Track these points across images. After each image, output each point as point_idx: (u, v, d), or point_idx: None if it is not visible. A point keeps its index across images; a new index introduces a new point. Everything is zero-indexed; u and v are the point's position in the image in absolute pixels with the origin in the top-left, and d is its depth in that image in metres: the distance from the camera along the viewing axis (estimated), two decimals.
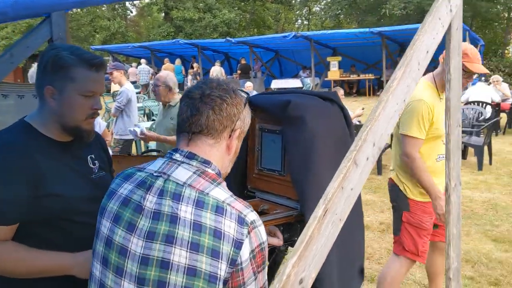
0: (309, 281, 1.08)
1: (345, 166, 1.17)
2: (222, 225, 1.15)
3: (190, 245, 1.14)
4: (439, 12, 1.48)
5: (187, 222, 1.16)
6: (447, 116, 1.65)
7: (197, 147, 1.27)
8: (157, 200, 1.21)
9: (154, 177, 1.25)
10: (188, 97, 1.30)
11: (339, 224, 1.17)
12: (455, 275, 1.72)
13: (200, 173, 1.24)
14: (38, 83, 1.55)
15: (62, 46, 1.54)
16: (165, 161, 1.28)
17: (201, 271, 1.14)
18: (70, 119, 1.56)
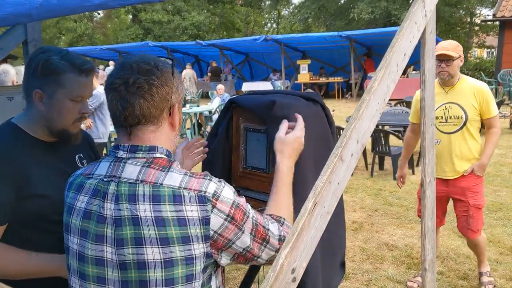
0: (300, 270, 1.14)
1: (332, 161, 1.24)
2: (183, 212, 1.16)
3: (159, 241, 1.15)
4: (415, 17, 1.57)
5: (149, 220, 1.15)
6: (422, 114, 1.74)
7: (139, 138, 1.24)
8: (115, 206, 1.19)
9: (106, 182, 1.22)
10: (112, 89, 1.21)
11: (327, 217, 1.23)
12: (430, 266, 1.81)
13: (149, 163, 1.22)
14: (26, 86, 1.55)
15: (52, 50, 1.54)
16: (111, 162, 1.25)
17: (177, 259, 1.16)
18: (58, 123, 1.57)
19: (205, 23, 32.62)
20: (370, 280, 3.96)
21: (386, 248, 4.62)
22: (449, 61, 3.33)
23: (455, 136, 3.44)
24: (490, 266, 4.07)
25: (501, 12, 17.51)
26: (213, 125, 1.95)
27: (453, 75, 3.39)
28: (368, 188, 6.74)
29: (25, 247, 1.52)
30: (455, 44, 3.43)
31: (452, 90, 3.44)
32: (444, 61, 3.35)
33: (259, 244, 1.25)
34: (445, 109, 3.44)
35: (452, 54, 3.33)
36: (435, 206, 1.82)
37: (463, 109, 3.38)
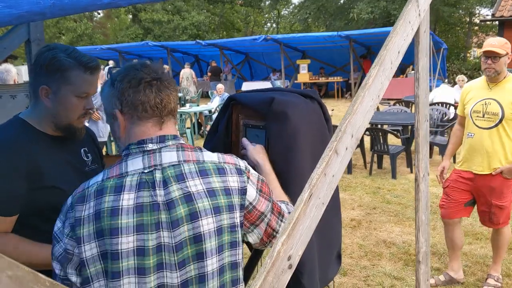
0: (296, 258, 1.19)
1: (327, 155, 1.29)
2: (228, 182, 1.30)
3: (213, 211, 1.26)
4: (409, 16, 1.63)
5: (201, 193, 1.26)
6: (416, 111, 1.80)
7: (168, 128, 1.33)
8: (165, 191, 1.24)
9: (149, 173, 1.26)
10: (146, 83, 1.29)
11: (322, 208, 1.28)
12: (424, 258, 1.86)
13: (181, 147, 1.31)
14: (33, 82, 1.61)
15: (59, 47, 1.59)
16: (143, 156, 1.28)
17: (224, 227, 1.28)
18: (64, 118, 1.63)
19: (205, 23, 32.67)
20: (368, 276, 4.02)
21: (384, 245, 4.67)
22: (496, 58, 3.39)
23: (490, 132, 3.47)
24: (488, 262, 4.12)
25: (500, 11, 17.57)
26: (213, 121, 2.01)
27: (499, 71, 3.43)
28: (367, 186, 6.79)
29: (35, 238, 1.57)
30: (503, 41, 3.47)
31: (496, 87, 3.49)
32: (490, 58, 3.41)
33: (277, 217, 1.40)
34: (484, 105, 3.50)
35: (499, 51, 3.38)
36: (429, 200, 1.88)
37: (501, 106, 3.42)
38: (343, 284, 3.89)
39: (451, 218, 3.76)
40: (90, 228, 1.22)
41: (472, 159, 3.58)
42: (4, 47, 3.24)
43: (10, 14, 0.68)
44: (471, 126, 3.58)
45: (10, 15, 0.68)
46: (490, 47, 3.41)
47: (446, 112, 8.98)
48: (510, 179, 3.50)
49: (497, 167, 3.48)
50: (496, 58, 3.39)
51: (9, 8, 0.66)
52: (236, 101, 1.89)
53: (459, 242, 3.83)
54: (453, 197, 3.72)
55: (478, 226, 4.96)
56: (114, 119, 1.32)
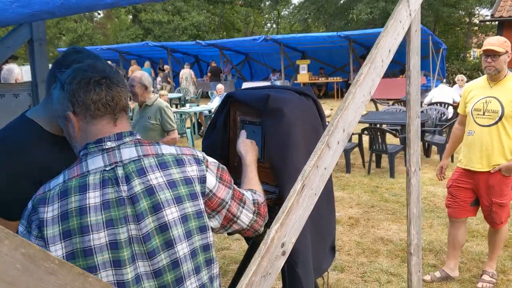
0: (289, 245, 1.26)
1: (320, 148, 1.35)
2: (187, 172, 1.37)
3: (175, 201, 1.32)
4: (399, 16, 1.69)
5: (162, 185, 1.32)
6: (407, 108, 1.86)
7: (123, 125, 1.38)
8: (128, 186, 1.29)
9: (111, 170, 1.30)
10: (94, 83, 1.32)
11: (314, 198, 1.34)
12: (416, 250, 1.92)
13: (139, 143, 1.37)
14: (49, 81, 1.64)
15: (83, 53, 1.63)
16: (103, 155, 1.33)
17: (190, 214, 1.35)
18: None
19: (205, 23, 32.74)
20: (365, 273, 4.08)
21: (381, 242, 4.73)
22: (495, 56, 3.46)
23: (489, 130, 3.54)
24: (483, 258, 4.18)
25: (499, 12, 17.63)
26: (211, 118, 2.07)
27: (500, 69, 3.50)
28: (365, 185, 6.85)
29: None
30: (502, 40, 3.54)
31: (497, 85, 3.56)
32: (490, 56, 3.48)
33: (237, 204, 1.46)
34: (485, 103, 3.57)
35: (498, 50, 3.45)
36: (420, 194, 1.94)
37: (501, 104, 3.49)
38: (341, 280, 3.95)
39: (458, 218, 3.83)
40: (55, 230, 1.24)
41: (472, 156, 3.65)
42: (8, 46, 3.31)
43: (23, 13, 0.74)
44: (471, 124, 3.65)
45: (23, 14, 0.74)
46: (490, 46, 3.48)
47: (445, 112, 9.05)
48: (509, 177, 3.57)
49: (496, 164, 3.54)
50: (496, 56, 3.46)
51: (22, 8, 0.72)
52: (234, 98, 1.95)
53: (462, 240, 3.90)
54: (458, 197, 3.79)
55: (475, 224, 5.02)
56: (68, 121, 1.37)
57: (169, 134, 4.73)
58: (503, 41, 3.53)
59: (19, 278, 0.76)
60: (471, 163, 3.66)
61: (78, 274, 0.84)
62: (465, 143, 3.74)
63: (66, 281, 0.82)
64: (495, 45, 3.48)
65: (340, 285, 3.85)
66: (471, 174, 3.68)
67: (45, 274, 0.79)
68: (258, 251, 1.16)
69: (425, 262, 4.26)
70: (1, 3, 0.69)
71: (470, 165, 3.67)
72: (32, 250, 0.78)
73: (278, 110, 1.75)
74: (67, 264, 0.82)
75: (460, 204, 3.78)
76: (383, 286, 3.84)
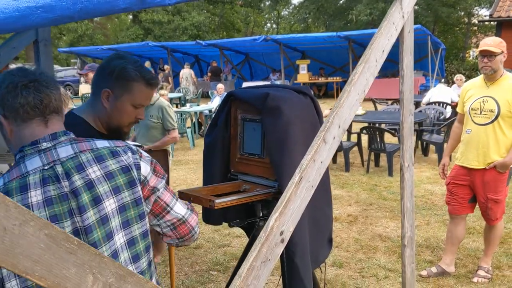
0: (288, 233, 1.34)
1: (316, 143, 1.44)
2: (123, 161, 1.44)
3: (113, 192, 1.39)
4: (393, 18, 1.77)
5: (100, 178, 1.38)
6: (401, 106, 1.94)
7: (54, 126, 1.40)
8: (69, 181, 1.35)
9: (50, 169, 1.35)
10: (22, 87, 1.34)
11: (311, 190, 1.43)
12: (409, 242, 2.00)
13: (74, 140, 1.42)
14: (97, 84, 1.79)
15: (128, 59, 1.77)
16: (40, 155, 1.36)
17: (128, 203, 1.42)
18: (116, 121, 1.80)
19: (205, 23, 32.82)
20: (363, 268, 4.16)
21: (379, 239, 4.82)
22: (492, 57, 3.56)
23: (486, 128, 3.63)
24: (479, 255, 4.27)
25: (498, 12, 17.72)
26: (213, 116, 2.15)
27: (496, 69, 3.59)
28: (364, 183, 6.93)
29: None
30: (498, 41, 3.64)
31: (493, 85, 3.66)
32: (486, 57, 3.58)
33: (171, 195, 1.54)
34: (482, 102, 3.67)
35: (494, 50, 3.55)
36: (413, 188, 2.02)
37: (497, 103, 3.58)
38: (339, 275, 4.03)
39: (458, 214, 3.92)
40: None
41: (469, 154, 3.74)
42: (13, 47, 3.39)
43: (47, 18, 0.82)
44: (469, 123, 3.74)
45: (47, 19, 0.82)
46: (486, 47, 3.58)
47: (443, 112, 9.13)
48: (503, 173, 3.66)
49: (491, 161, 3.63)
50: (492, 56, 3.56)
51: (46, 13, 0.80)
52: (235, 97, 2.03)
53: (460, 237, 4.00)
54: (456, 194, 3.88)
55: (471, 221, 5.10)
56: (1, 125, 1.41)
57: (169, 133, 4.83)
58: (499, 42, 3.62)
59: (42, 256, 0.84)
60: (468, 160, 3.75)
61: (94, 254, 0.92)
62: (463, 141, 3.83)
63: (84, 260, 0.90)
64: (491, 46, 3.57)
65: (338, 280, 3.93)
66: (467, 171, 3.77)
67: (65, 253, 0.88)
68: (258, 239, 1.25)
69: (422, 258, 4.35)
70: (28, 9, 0.78)
71: (467, 162, 3.76)
72: (55, 231, 0.86)
73: (277, 108, 1.84)
74: (85, 245, 0.91)
75: (459, 201, 3.87)
76: (380, 282, 3.92)
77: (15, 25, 0.77)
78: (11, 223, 0.80)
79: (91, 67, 6.53)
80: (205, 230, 5.18)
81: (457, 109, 4.08)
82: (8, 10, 0.73)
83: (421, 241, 4.73)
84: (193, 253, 4.59)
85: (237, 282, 1.19)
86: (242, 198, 1.84)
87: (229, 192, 1.95)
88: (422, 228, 5.07)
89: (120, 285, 0.96)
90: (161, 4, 1.00)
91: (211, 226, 5.20)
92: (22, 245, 0.82)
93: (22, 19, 0.75)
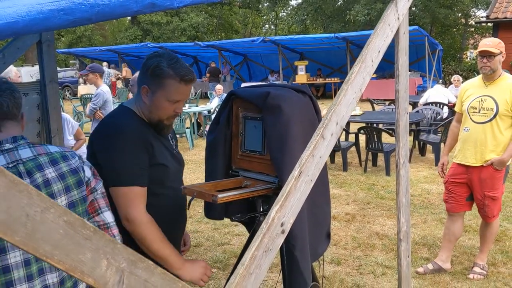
0: (288, 225, 1.40)
1: (315, 139, 1.50)
2: (72, 164, 1.62)
3: (65, 190, 1.57)
4: (388, 19, 1.84)
5: (55, 178, 1.55)
6: (396, 104, 2.01)
7: (8, 130, 1.56)
8: (31, 179, 1.50)
9: (13, 167, 1.50)
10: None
11: (310, 184, 1.49)
12: (405, 236, 2.07)
13: (32, 145, 1.58)
14: (139, 80, 1.94)
15: (165, 56, 1.88)
16: (3, 155, 1.52)
17: (77, 200, 1.61)
18: (155, 115, 1.93)
19: (204, 24, 32.89)
20: (361, 265, 4.23)
21: (377, 237, 4.89)
22: (491, 57, 3.65)
23: (484, 127, 3.72)
24: (475, 252, 4.34)
25: (495, 13, 17.82)
26: (215, 115, 2.22)
27: (495, 69, 3.68)
28: (362, 183, 7.01)
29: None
30: (497, 41, 3.73)
31: (492, 84, 3.75)
32: (486, 57, 3.67)
33: (106, 202, 1.73)
34: (481, 101, 3.75)
35: (493, 50, 3.64)
36: (408, 184, 2.09)
37: (495, 102, 3.67)
38: (337, 272, 4.10)
39: (455, 212, 4.00)
40: None
41: (466, 152, 3.82)
42: (18, 47, 3.45)
43: (67, 20, 0.88)
44: (468, 121, 3.83)
45: (67, 21, 0.88)
46: (485, 47, 3.67)
47: (440, 112, 9.21)
48: (500, 171, 3.74)
49: (489, 159, 3.70)
50: (491, 57, 3.65)
51: (67, 15, 0.87)
52: (236, 96, 2.10)
53: (457, 234, 4.08)
54: (454, 192, 3.96)
55: (467, 219, 5.17)
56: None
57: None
58: (498, 42, 3.72)
59: (61, 241, 0.91)
60: (466, 158, 3.83)
61: (109, 241, 0.98)
62: (461, 139, 3.92)
63: (99, 246, 0.97)
64: (490, 46, 3.66)
65: (336, 277, 4.00)
66: (465, 168, 3.85)
67: (82, 239, 0.94)
68: (260, 229, 1.31)
69: (418, 255, 4.42)
70: (51, 12, 0.84)
71: (464, 160, 3.84)
72: (73, 218, 0.92)
73: (277, 106, 1.91)
74: (100, 231, 0.97)
75: (457, 199, 3.95)
76: (377, 278, 3.99)
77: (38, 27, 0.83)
78: (33, 209, 0.86)
79: (92, 68, 6.60)
80: (205, 228, 5.24)
81: (455, 109, 4.17)
82: (33, 13, 0.80)
83: (418, 239, 4.80)
84: (193, 251, 4.66)
85: (240, 270, 1.25)
86: (243, 193, 1.91)
87: (231, 188, 2.02)
88: (419, 227, 5.14)
89: (131, 270, 1.03)
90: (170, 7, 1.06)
91: (211, 225, 5.27)
92: (43, 231, 0.88)
93: (45, 21, 0.81)
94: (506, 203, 5.70)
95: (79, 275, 0.94)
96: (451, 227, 4.06)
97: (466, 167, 3.84)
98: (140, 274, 1.04)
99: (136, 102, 1.97)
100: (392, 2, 1.85)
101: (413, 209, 5.68)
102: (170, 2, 1.05)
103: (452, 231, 4.05)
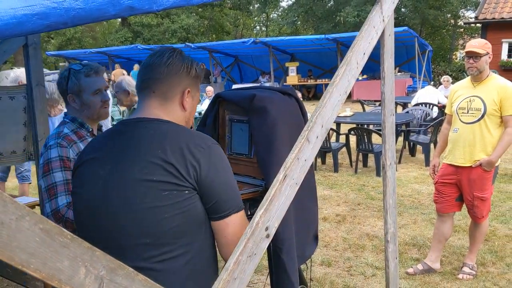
0: (273, 229, 1.39)
1: (300, 142, 1.50)
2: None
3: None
4: (373, 21, 1.84)
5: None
6: (382, 106, 2.01)
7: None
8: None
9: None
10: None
11: (295, 187, 1.48)
12: (392, 238, 2.07)
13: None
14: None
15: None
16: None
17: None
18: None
19: (194, 26, 32.84)
20: (351, 267, 4.23)
21: (367, 238, 4.89)
22: (477, 58, 3.67)
23: (472, 127, 3.74)
24: (464, 252, 4.36)
25: (483, 14, 17.98)
26: (201, 117, 2.21)
27: (481, 70, 3.71)
28: (352, 184, 7.02)
29: None
30: (483, 42, 3.76)
31: (480, 85, 3.78)
32: (472, 58, 3.70)
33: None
34: (469, 101, 3.79)
35: (480, 51, 3.66)
36: (395, 186, 2.09)
37: (483, 102, 3.70)
38: (328, 274, 4.09)
39: (445, 212, 4.01)
40: None
41: (456, 152, 3.85)
42: (4, 51, 3.42)
43: (42, 24, 0.86)
44: (457, 122, 3.86)
45: (42, 25, 0.87)
46: (471, 48, 3.70)
47: (429, 112, 9.26)
48: (489, 171, 3.76)
49: (478, 159, 3.72)
50: (478, 57, 3.68)
51: (41, 20, 0.85)
52: (222, 98, 2.09)
53: (447, 234, 4.10)
54: (444, 192, 3.98)
55: (457, 220, 5.19)
56: None
57: None
58: (484, 43, 3.74)
59: (38, 249, 0.89)
60: (455, 158, 3.85)
61: (87, 248, 0.97)
62: (450, 140, 3.95)
63: (77, 254, 0.95)
64: (476, 47, 3.68)
65: (327, 278, 4.00)
66: (454, 169, 3.87)
67: (59, 247, 0.92)
68: (244, 234, 1.30)
69: (408, 256, 4.43)
70: (25, 16, 0.82)
71: (454, 160, 3.86)
72: (49, 226, 0.91)
73: (263, 108, 1.90)
74: (78, 239, 0.95)
75: (446, 200, 3.97)
76: (368, 279, 3.99)
77: (12, 31, 0.82)
78: (9, 217, 0.84)
79: None
80: None
81: (446, 111, 4.20)
82: (6, 17, 0.78)
83: (408, 239, 4.81)
84: None
85: (224, 275, 1.24)
86: None
87: None
88: (409, 227, 5.16)
89: (111, 277, 1.01)
90: (149, 11, 1.05)
91: None
92: (19, 239, 0.86)
93: (19, 25, 0.80)
94: (495, 203, 5.73)
95: (57, 284, 0.93)
96: (441, 228, 4.08)
97: (456, 167, 3.86)
98: (120, 281, 1.02)
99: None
100: (377, 4, 1.85)
101: (403, 209, 5.70)
102: (149, 5, 1.04)
103: (442, 231, 4.07)
